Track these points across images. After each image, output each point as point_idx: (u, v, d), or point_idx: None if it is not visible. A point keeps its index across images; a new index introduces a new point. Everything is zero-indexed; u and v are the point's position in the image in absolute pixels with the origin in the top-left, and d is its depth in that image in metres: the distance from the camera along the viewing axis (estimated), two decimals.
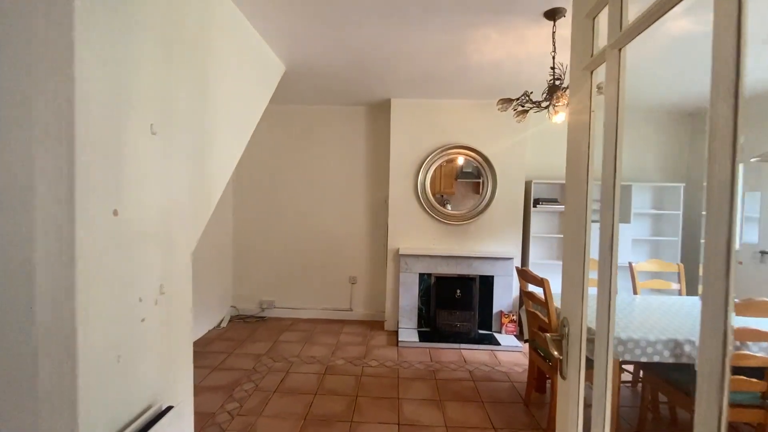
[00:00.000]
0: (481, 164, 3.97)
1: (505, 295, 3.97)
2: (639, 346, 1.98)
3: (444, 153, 3.98)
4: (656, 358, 1.97)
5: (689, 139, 4.25)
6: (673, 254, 4.01)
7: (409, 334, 3.84)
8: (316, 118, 4.35)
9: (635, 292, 3.00)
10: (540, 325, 2.42)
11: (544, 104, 2.10)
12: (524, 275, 2.50)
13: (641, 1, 0.74)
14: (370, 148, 4.36)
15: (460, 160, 4.02)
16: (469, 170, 4.06)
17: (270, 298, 4.46)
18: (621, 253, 3.90)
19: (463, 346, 3.66)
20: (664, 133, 4.25)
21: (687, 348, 1.97)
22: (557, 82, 2.05)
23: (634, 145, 4.25)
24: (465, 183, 4.08)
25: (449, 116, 4.01)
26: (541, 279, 2.29)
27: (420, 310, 4.02)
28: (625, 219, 3.99)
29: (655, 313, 2.37)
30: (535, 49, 2.58)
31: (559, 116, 2.32)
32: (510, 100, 2.15)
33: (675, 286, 3.05)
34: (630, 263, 3.04)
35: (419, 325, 4.02)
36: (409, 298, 3.99)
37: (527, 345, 3.63)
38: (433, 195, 4.03)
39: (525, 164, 4.04)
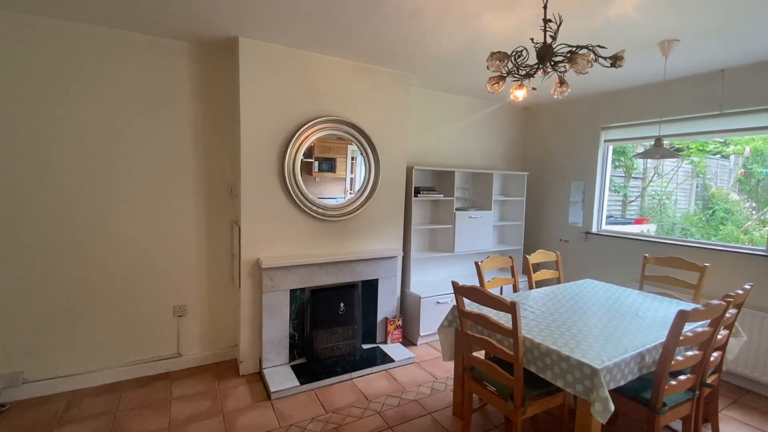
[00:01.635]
0: (363, 146, 3.17)
1: (390, 299, 3.42)
2: (625, 369, 1.74)
3: (321, 127, 2.97)
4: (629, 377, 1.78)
5: (525, 131, 4.68)
6: (518, 237, 4.36)
7: (281, 375, 2.79)
8: (93, 50, 2.51)
9: (531, 287, 2.94)
10: (493, 353, 1.94)
11: (552, 69, 1.51)
12: (475, 295, 1.94)
13: None
14: (203, 110, 2.87)
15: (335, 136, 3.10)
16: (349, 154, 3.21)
17: (13, 368, 2.47)
18: (483, 240, 3.99)
19: (354, 374, 2.91)
20: (506, 124, 4.51)
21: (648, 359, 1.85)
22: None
23: (487, 136, 4.35)
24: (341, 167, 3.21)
25: (327, 78, 3.00)
26: (511, 303, 1.77)
27: (292, 336, 3.00)
28: (487, 206, 4.06)
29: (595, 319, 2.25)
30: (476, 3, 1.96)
31: (520, 92, 1.80)
32: (507, 56, 1.47)
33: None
34: (525, 257, 2.95)
35: (292, 357, 3.01)
36: (277, 325, 2.90)
37: (419, 350, 3.22)
38: (305, 183, 2.99)
39: (407, 149, 3.50)
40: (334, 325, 3.10)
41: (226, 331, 3.08)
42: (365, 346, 3.31)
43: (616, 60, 1.52)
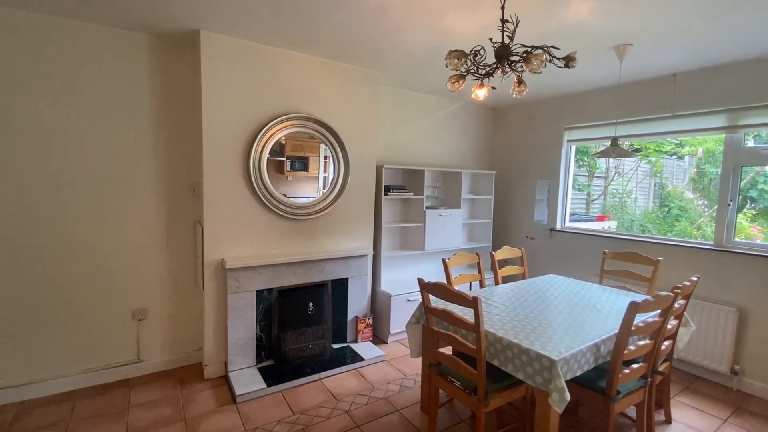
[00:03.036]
0: (332, 144, 3.14)
1: (360, 298, 3.41)
2: (581, 358, 1.80)
3: (287, 124, 2.92)
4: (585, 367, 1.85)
5: (493, 131, 4.77)
6: (486, 235, 4.45)
7: (248, 378, 2.73)
8: (45, 41, 2.37)
9: (497, 282, 3.00)
10: (457, 348, 1.97)
11: (510, 69, 1.54)
12: (439, 291, 1.96)
13: None
14: (162, 105, 2.76)
15: (303, 135, 3.06)
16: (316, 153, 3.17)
17: None
18: (453, 237, 4.04)
19: (323, 374, 2.88)
20: (475, 124, 4.59)
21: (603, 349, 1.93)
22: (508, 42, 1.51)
23: (456, 135, 4.42)
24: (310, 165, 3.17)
25: (294, 75, 2.95)
26: (473, 298, 1.80)
27: (259, 338, 2.94)
28: (456, 205, 4.12)
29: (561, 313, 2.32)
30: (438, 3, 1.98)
31: (481, 91, 1.83)
32: (464, 54, 1.48)
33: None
34: (491, 253, 3.01)
35: (259, 359, 2.95)
36: (243, 327, 2.83)
37: (390, 349, 3.23)
38: (277, 182, 2.94)
39: (377, 147, 3.50)
40: (303, 325, 3.06)
41: (190, 334, 2.98)
42: (335, 346, 3.28)
43: (568, 61, 1.57)
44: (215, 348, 2.81)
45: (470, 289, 3.26)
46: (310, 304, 3.07)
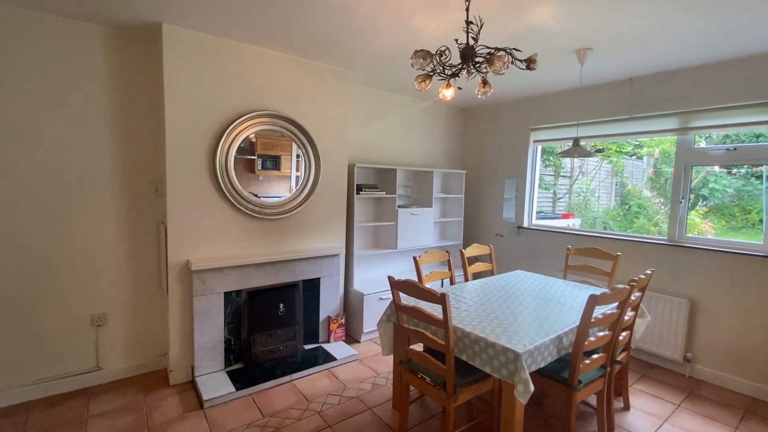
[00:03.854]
0: (302, 142, 3.11)
1: (333, 297, 3.39)
2: (544, 351, 1.86)
3: (256, 122, 2.86)
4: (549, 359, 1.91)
5: (463, 131, 4.86)
6: (457, 233, 4.53)
7: (216, 382, 2.66)
8: None
9: (466, 279, 3.06)
10: (427, 344, 1.99)
11: (475, 70, 1.57)
12: (409, 288, 1.98)
13: None
14: (122, 100, 2.64)
15: (273, 133, 3.01)
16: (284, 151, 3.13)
17: None
18: (425, 236, 4.09)
19: (295, 376, 2.85)
20: (446, 125, 4.66)
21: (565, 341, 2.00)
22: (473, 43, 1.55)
23: (427, 135, 4.47)
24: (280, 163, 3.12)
25: (263, 72, 2.90)
26: (441, 295, 1.83)
27: (228, 341, 2.86)
28: (428, 203, 4.17)
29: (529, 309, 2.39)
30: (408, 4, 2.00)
31: (448, 91, 1.87)
32: (430, 54, 1.50)
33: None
34: (461, 251, 3.07)
35: (228, 363, 2.87)
36: (211, 330, 2.76)
37: (363, 349, 3.23)
38: (248, 181, 2.87)
39: (348, 146, 3.49)
40: (274, 327, 3.01)
41: (154, 339, 2.87)
42: (307, 347, 3.25)
43: (529, 63, 1.63)
44: (181, 353, 2.72)
45: (442, 286, 3.31)
46: (281, 305, 3.03)
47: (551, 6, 2.07)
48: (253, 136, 2.89)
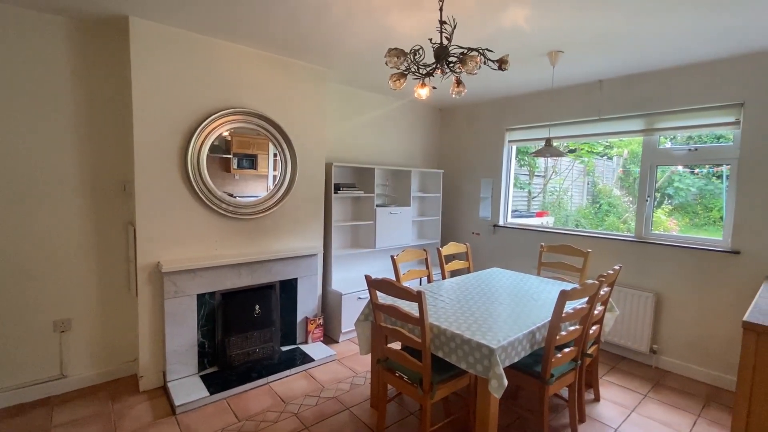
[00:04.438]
0: (278, 141, 3.06)
1: (310, 298, 3.35)
2: (517, 346, 1.90)
3: (229, 119, 2.80)
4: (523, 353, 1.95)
5: (440, 131, 4.91)
6: (435, 231, 4.57)
7: (189, 387, 2.59)
8: None
9: (444, 277, 3.09)
10: (404, 343, 2.00)
11: (449, 70, 1.58)
12: (386, 287, 1.98)
13: None
14: (87, 96, 2.53)
15: (247, 131, 2.96)
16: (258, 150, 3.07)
17: None
18: (403, 235, 4.11)
19: (271, 378, 2.80)
20: (423, 124, 4.70)
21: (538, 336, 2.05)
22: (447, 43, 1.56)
23: (405, 134, 4.49)
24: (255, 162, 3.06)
25: (237, 69, 2.83)
26: (417, 293, 1.84)
27: (201, 345, 2.79)
28: (406, 203, 4.19)
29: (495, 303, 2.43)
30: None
31: (423, 90, 1.88)
32: (404, 53, 1.50)
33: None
34: (438, 249, 3.09)
35: (202, 366, 2.80)
36: (183, 334, 2.68)
37: (341, 350, 3.21)
38: (223, 180, 2.81)
39: (325, 145, 3.46)
40: (250, 329, 2.95)
41: (123, 344, 2.77)
42: (284, 348, 3.21)
43: (501, 63, 1.66)
44: (152, 358, 2.63)
45: (420, 284, 3.33)
46: (257, 307, 2.97)
47: (523, 8, 2.11)
48: (228, 134, 2.83)
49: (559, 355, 2.04)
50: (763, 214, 2.65)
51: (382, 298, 2.38)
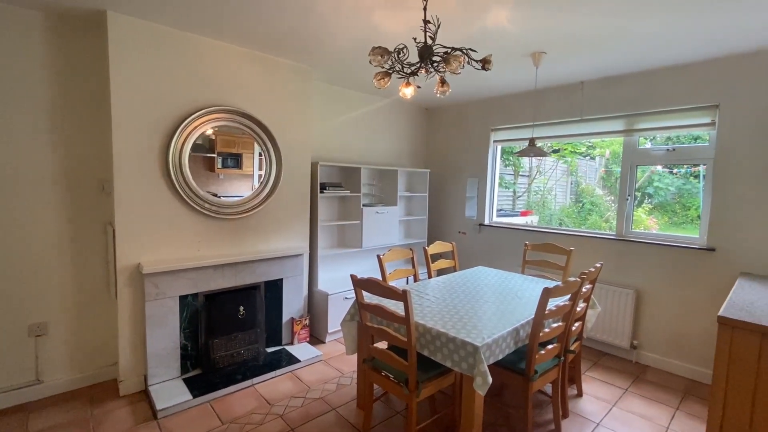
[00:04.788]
0: (263, 140, 3.03)
1: (296, 299, 3.33)
2: (502, 343, 1.92)
3: (212, 117, 2.75)
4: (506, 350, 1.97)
5: (426, 131, 4.93)
6: (422, 231, 4.59)
7: (171, 391, 2.54)
8: None
9: (430, 276, 3.11)
10: (389, 342, 2.01)
11: (433, 69, 1.58)
12: (371, 287, 1.98)
13: None
14: (63, 92, 2.46)
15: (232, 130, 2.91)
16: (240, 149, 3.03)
17: None
18: (390, 234, 4.11)
19: (256, 380, 2.77)
20: (410, 124, 4.71)
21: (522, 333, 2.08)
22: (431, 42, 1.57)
23: (392, 134, 4.49)
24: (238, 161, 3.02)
25: (220, 66, 2.79)
26: (403, 292, 1.84)
27: (184, 347, 2.74)
28: (393, 202, 4.19)
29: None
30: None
31: (408, 89, 1.89)
32: (387, 52, 1.50)
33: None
34: (424, 248, 3.11)
35: (184, 369, 2.75)
36: (165, 336, 2.63)
37: (329, 350, 3.20)
38: (207, 180, 2.76)
39: (311, 144, 3.43)
40: (234, 330, 2.91)
41: (102, 348, 2.70)
42: (270, 350, 3.17)
43: (485, 63, 1.67)
44: (132, 361, 2.57)
45: (407, 284, 3.34)
46: (241, 308, 2.94)
47: (506, 9, 2.14)
48: (211, 133, 2.78)
49: (542, 352, 2.07)
50: (737, 213, 2.74)
51: (368, 297, 2.38)
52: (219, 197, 2.84)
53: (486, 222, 4.30)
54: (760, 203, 2.65)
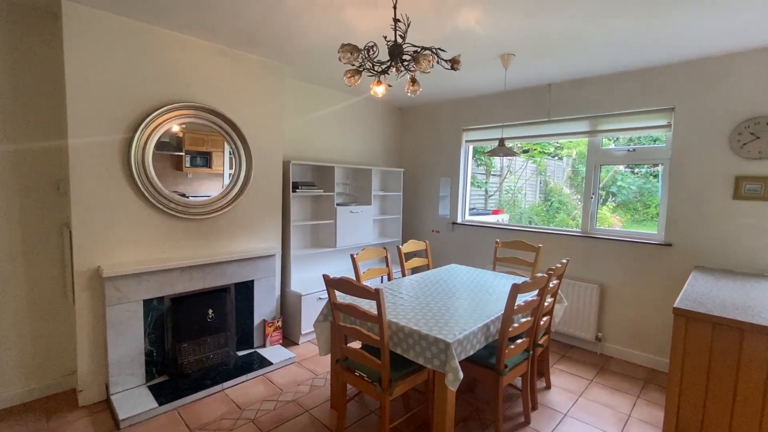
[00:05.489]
0: (232, 137, 2.95)
1: (268, 300, 3.26)
2: (473, 339, 1.95)
3: (178, 114, 2.65)
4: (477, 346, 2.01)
5: (401, 130, 4.95)
6: (397, 230, 4.60)
7: (135, 398, 2.43)
8: None
9: (404, 275, 3.12)
10: (362, 341, 2.00)
11: (404, 68, 1.58)
12: (344, 286, 1.97)
13: None
14: (13, 85, 2.30)
15: (198, 127, 2.82)
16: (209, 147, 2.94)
17: None
18: (365, 233, 4.11)
19: (226, 385, 2.69)
20: (384, 123, 4.71)
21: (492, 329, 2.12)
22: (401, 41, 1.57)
23: (366, 133, 4.48)
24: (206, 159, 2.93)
25: (186, 61, 2.69)
26: (375, 290, 1.84)
27: (149, 353, 2.63)
28: (367, 201, 4.18)
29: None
30: None
31: (379, 88, 1.89)
32: (357, 49, 1.49)
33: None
34: (398, 247, 3.12)
35: (150, 376, 2.64)
36: (128, 342, 2.51)
37: (306, 353, 3.15)
38: (174, 179, 2.65)
39: (283, 142, 3.37)
40: (203, 334, 2.82)
41: (59, 356, 2.55)
42: (241, 353, 3.10)
43: (454, 63, 1.69)
44: (92, 369, 2.44)
45: (381, 283, 3.34)
46: (210, 311, 2.85)
47: (475, 11, 2.17)
48: (179, 130, 2.68)
49: (512, 347, 2.12)
50: (691, 210, 2.91)
51: (341, 297, 2.36)
52: (187, 197, 2.75)
53: (459, 221, 4.37)
54: (711, 201, 2.82)
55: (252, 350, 3.16)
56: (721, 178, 2.78)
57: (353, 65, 1.63)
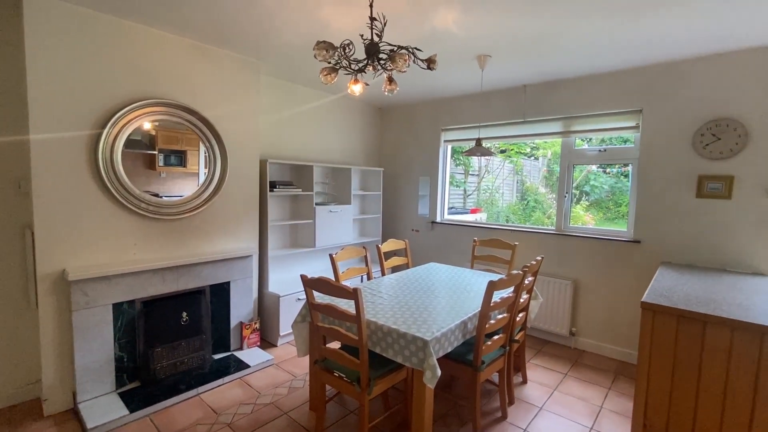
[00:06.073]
0: (206, 135, 2.87)
1: (245, 302, 3.20)
2: (449, 336, 1.97)
3: (148, 111, 2.56)
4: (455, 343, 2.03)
5: (380, 130, 4.95)
6: (376, 229, 4.60)
7: (105, 406, 2.33)
8: None
9: (383, 274, 3.12)
10: (341, 341, 1.99)
11: (380, 67, 1.57)
12: (321, 286, 1.95)
13: None
14: None
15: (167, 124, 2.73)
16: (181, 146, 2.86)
17: None
18: (344, 233, 4.09)
19: (201, 389, 2.63)
20: (364, 123, 4.71)
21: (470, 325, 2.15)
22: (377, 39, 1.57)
23: (345, 132, 4.46)
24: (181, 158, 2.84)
25: (158, 56, 2.60)
26: (354, 290, 1.83)
27: (119, 359, 2.53)
28: (347, 201, 4.16)
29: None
30: None
31: (356, 86, 1.88)
32: (333, 47, 1.47)
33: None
34: (378, 246, 3.12)
35: (120, 383, 2.54)
36: (97, 348, 2.41)
37: (285, 353, 3.11)
38: (147, 179, 2.56)
39: (259, 140, 3.31)
40: (176, 338, 2.74)
41: (21, 364, 2.42)
42: (217, 356, 3.03)
43: (430, 62, 1.71)
44: (58, 377, 2.34)
45: (361, 282, 3.33)
46: (184, 314, 2.77)
47: (452, 12, 2.19)
48: (151, 128, 2.59)
49: (489, 343, 2.15)
50: (657, 208, 3.03)
51: (320, 297, 2.34)
52: (161, 197, 2.66)
53: (438, 220, 4.40)
54: (676, 199, 2.95)
55: (229, 353, 3.09)
56: (685, 177, 2.90)
57: (329, 63, 1.61)
